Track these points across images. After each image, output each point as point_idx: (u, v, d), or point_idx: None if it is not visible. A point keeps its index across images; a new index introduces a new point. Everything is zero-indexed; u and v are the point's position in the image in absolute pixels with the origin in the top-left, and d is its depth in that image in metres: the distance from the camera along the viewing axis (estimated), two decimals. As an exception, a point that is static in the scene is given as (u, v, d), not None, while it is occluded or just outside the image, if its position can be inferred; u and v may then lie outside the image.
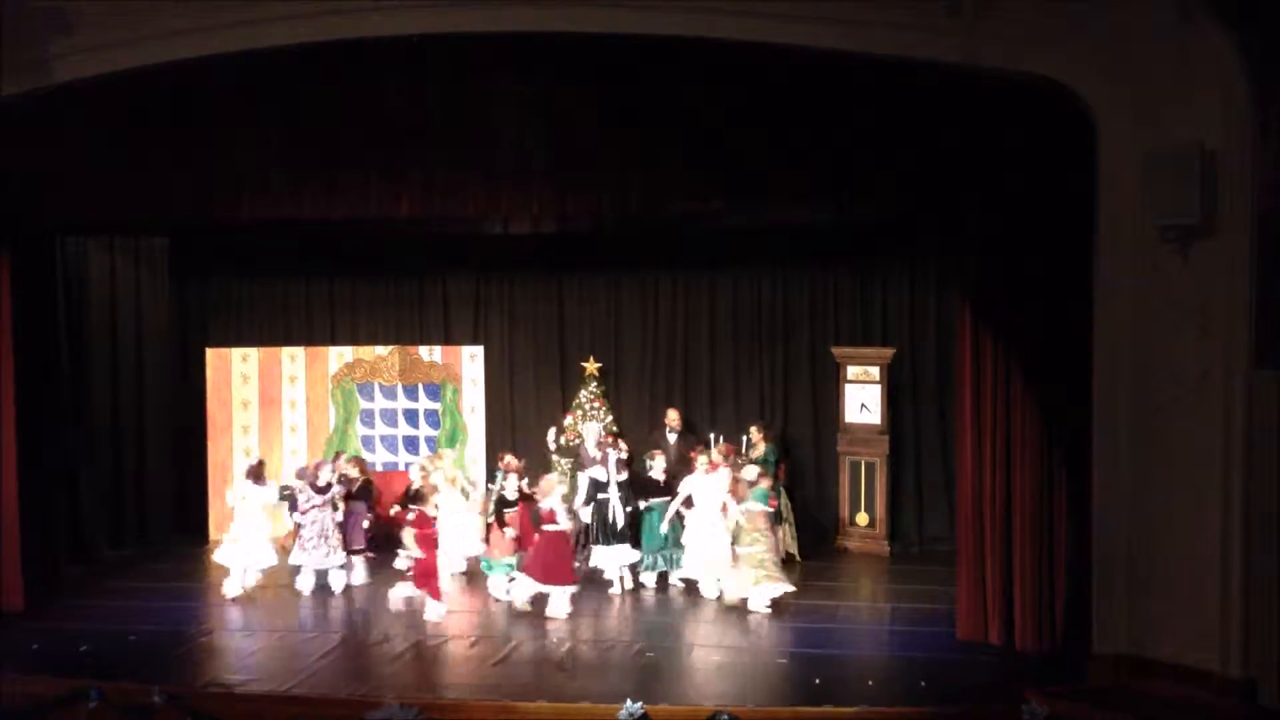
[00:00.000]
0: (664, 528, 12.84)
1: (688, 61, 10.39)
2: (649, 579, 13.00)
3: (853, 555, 14.47)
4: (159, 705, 9.13)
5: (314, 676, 10.12)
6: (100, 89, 11.02)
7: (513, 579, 12.30)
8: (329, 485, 12.90)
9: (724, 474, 12.56)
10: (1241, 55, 8.92)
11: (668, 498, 12.87)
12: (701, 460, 12.63)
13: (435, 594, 11.83)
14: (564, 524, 12.15)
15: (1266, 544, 9.02)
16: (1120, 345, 9.68)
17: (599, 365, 15.50)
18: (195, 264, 15.92)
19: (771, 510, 12.39)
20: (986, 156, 10.12)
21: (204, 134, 11.14)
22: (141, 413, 15.28)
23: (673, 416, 14.69)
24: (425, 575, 11.83)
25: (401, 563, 12.81)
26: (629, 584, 12.97)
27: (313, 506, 12.79)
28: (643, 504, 12.92)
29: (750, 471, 12.48)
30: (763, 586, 11.88)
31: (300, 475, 13.13)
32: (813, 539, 14.45)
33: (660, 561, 12.99)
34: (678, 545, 12.85)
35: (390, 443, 15.58)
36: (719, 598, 12.23)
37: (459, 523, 13.40)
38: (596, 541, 13.02)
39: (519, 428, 15.83)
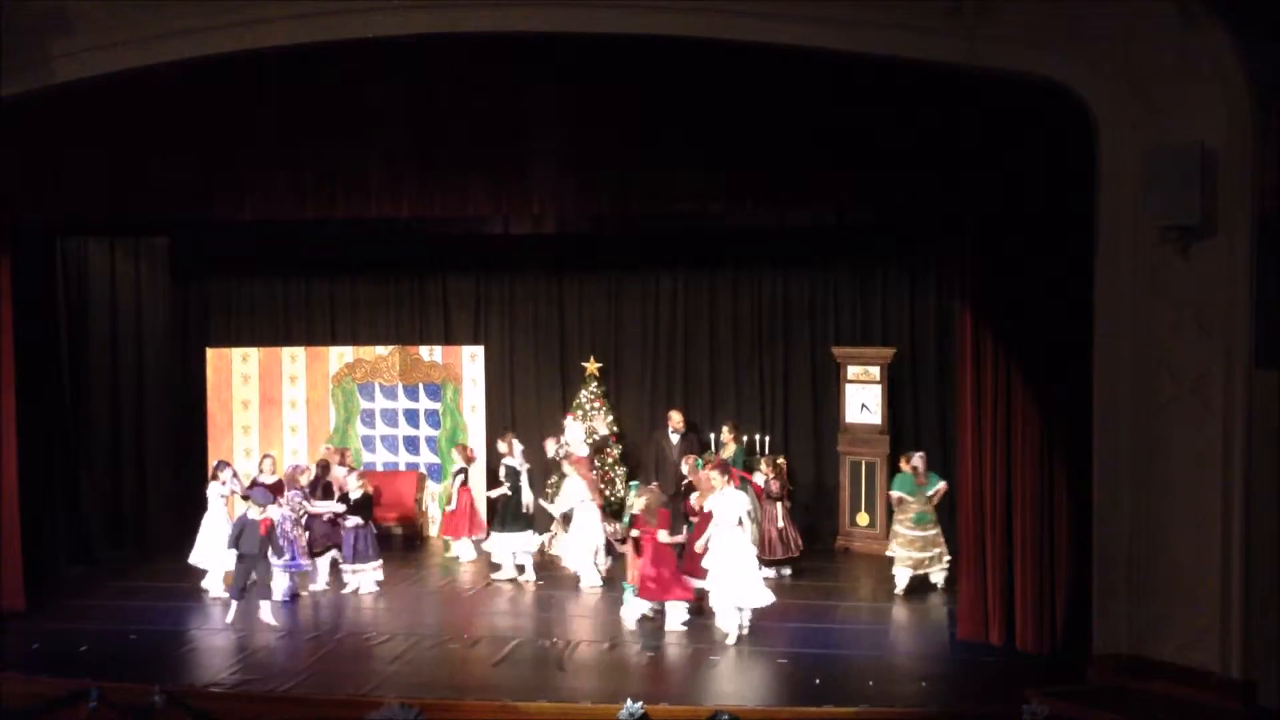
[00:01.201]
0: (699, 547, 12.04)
1: (688, 62, 10.38)
2: None
3: (853, 555, 14.48)
4: (159, 705, 9.14)
5: (314, 676, 10.13)
6: (101, 88, 11.02)
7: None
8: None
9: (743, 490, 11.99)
10: (1242, 56, 8.92)
11: None
12: (715, 477, 11.61)
13: (680, 595, 11.34)
14: None
15: (1267, 544, 9.02)
16: (1120, 345, 9.67)
17: (599, 365, 15.51)
18: (195, 264, 15.93)
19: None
20: (986, 156, 10.11)
21: (204, 134, 11.14)
22: (142, 413, 15.29)
23: (675, 418, 14.70)
24: (671, 579, 11.34)
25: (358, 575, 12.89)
26: (527, 572, 13.27)
27: (305, 513, 12.79)
28: None
29: (918, 457, 12.92)
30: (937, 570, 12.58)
31: (292, 483, 12.96)
32: (813, 539, 14.44)
33: None
34: None
35: (391, 443, 15.59)
36: (735, 637, 11.03)
37: None
38: (500, 529, 13.37)
39: (520, 427, 15.79)
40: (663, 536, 11.30)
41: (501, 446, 13.81)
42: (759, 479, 13.11)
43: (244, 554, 11.49)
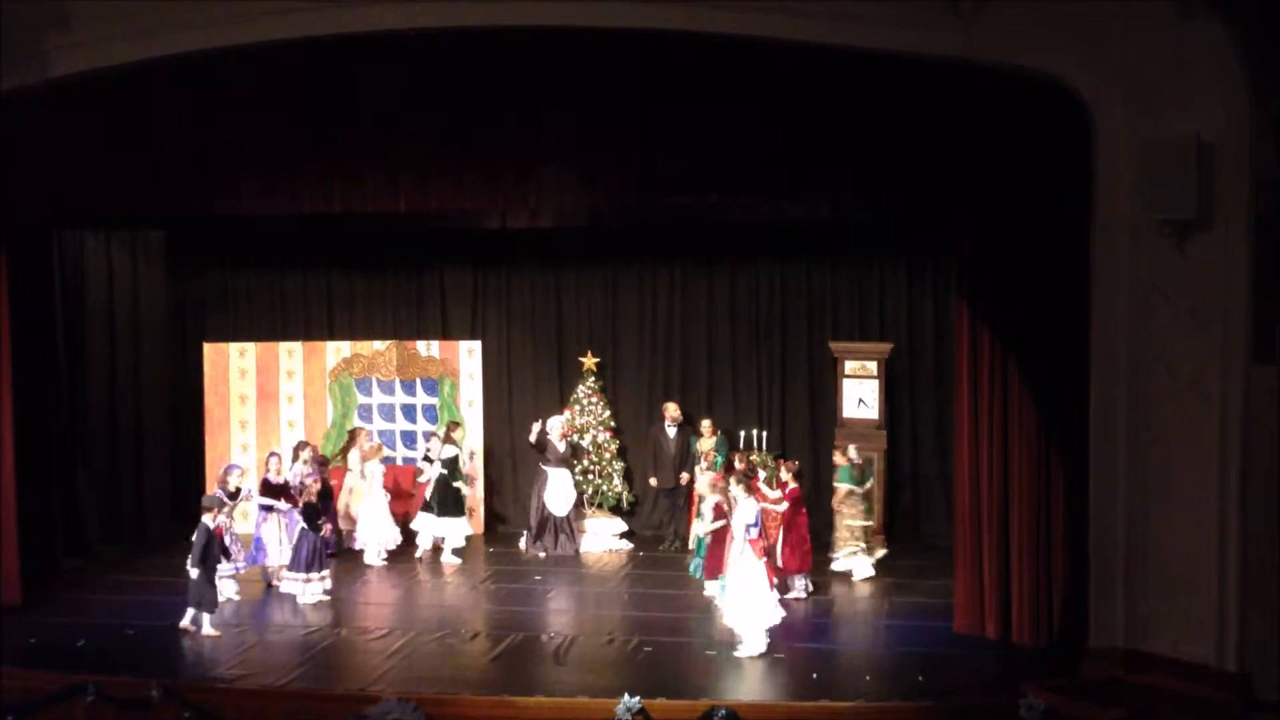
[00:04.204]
0: (693, 543, 12.75)
1: (684, 56, 10.38)
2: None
3: (850, 550, 14.47)
4: (156, 700, 9.14)
5: (311, 671, 10.13)
6: (98, 83, 11.01)
7: None
8: (238, 490, 12.55)
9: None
10: (1239, 49, 8.92)
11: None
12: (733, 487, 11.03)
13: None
14: None
15: (1263, 538, 9.04)
16: (1117, 340, 9.69)
17: (597, 360, 15.51)
18: (193, 258, 15.91)
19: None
20: (984, 151, 10.12)
21: (202, 128, 11.12)
22: (139, 407, 15.27)
23: (671, 410, 14.71)
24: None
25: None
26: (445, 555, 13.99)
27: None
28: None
29: (854, 449, 13.33)
30: (859, 558, 13.02)
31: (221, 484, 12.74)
32: (810, 533, 14.42)
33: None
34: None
35: (388, 438, 15.56)
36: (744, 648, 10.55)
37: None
38: (445, 514, 13.99)
39: (517, 422, 15.82)
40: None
41: (560, 447, 14.37)
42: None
43: (212, 564, 11.28)
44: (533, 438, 14.50)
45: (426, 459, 14.33)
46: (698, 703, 9.06)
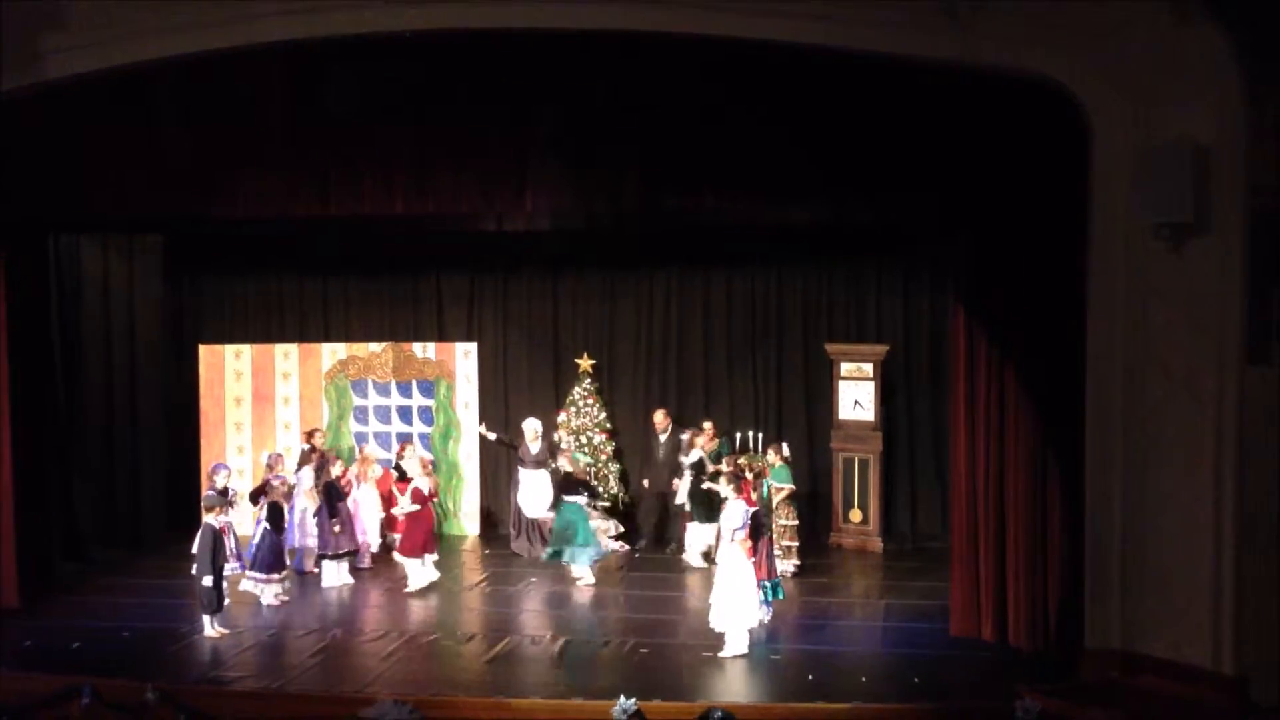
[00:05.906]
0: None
1: (683, 58, 10.38)
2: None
3: (846, 552, 14.49)
4: (152, 702, 9.11)
5: (307, 673, 10.13)
6: (96, 86, 11.00)
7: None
8: (227, 489, 12.51)
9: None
10: (1235, 53, 8.94)
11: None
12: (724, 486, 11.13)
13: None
14: None
15: (1259, 540, 9.04)
16: (1113, 342, 9.70)
17: (593, 362, 15.51)
18: (189, 260, 15.89)
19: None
20: (981, 154, 10.12)
21: (197, 131, 11.11)
22: (135, 409, 15.23)
23: (658, 419, 14.57)
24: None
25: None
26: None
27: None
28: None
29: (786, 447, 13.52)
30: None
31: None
32: (806, 536, 14.43)
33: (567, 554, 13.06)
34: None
35: (384, 440, 15.56)
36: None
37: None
38: (711, 518, 13.58)
39: (513, 424, 15.80)
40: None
41: (534, 449, 14.28)
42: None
43: (220, 565, 11.25)
44: (490, 435, 14.57)
45: (395, 469, 14.31)
46: (694, 704, 9.06)
